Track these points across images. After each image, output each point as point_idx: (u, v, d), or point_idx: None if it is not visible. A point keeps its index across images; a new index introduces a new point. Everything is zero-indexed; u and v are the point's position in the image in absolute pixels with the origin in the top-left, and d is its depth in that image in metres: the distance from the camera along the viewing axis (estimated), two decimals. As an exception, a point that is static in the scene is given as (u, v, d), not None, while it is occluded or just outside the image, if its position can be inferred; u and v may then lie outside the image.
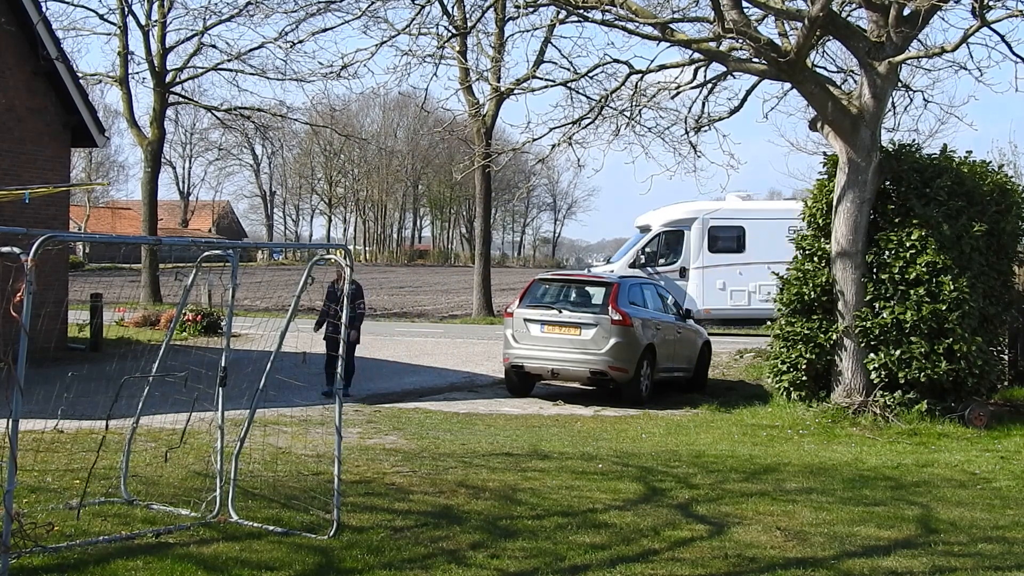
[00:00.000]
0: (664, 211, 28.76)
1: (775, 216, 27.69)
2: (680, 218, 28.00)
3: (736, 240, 27.90)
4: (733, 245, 27.80)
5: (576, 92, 25.88)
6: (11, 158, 18.59)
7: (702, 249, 27.66)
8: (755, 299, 26.96)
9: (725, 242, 27.80)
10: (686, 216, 27.98)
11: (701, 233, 27.72)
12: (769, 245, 27.02)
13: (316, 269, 9.45)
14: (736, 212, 28.37)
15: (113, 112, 62.62)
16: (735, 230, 27.97)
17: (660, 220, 28.20)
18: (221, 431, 8.48)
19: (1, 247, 6.36)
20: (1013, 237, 17.00)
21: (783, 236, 27.81)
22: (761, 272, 25.32)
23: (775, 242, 27.16)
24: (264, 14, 33.49)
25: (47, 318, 15.87)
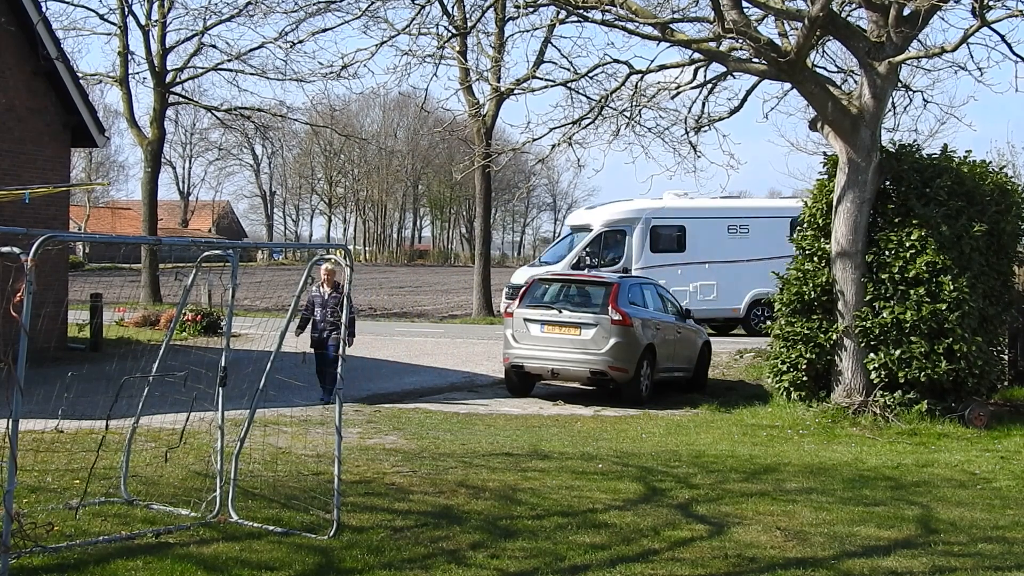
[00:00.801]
0: (605, 210, 28.04)
1: (715, 215, 27.53)
2: (622, 217, 27.28)
3: (677, 239, 27.29)
4: (674, 244, 27.20)
5: (576, 92, 25.91)
6: (11, 158, 18.59)
7: (644, 249, 26.91)
8: (695, 299, 26.14)
9: (666, 241, 27.19)
10: (628, 215, 27.26)
11: (643, 233, 27.00)
12: (709, 244, 26.98)
13: (315, 269, 9.46)
14: (677, 211, 27.69)
15: (113, 112, 62.67)
16: (676, 229, 27.36)
17: (601, 219, 27.40)
18: (221, 431, 8.48)
19: (1, 247, 6.36)
20: (1013, 237, 16.99)
21: (724, 235, 27.31)
22: (701, 272, 25.30)
23: (715, 241, 27.11)
24: (264, 14, 33.51)
25: (47, 318, 15.87)
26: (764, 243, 27.07)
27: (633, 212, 27.16)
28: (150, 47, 34.21)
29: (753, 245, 27.26)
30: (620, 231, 26.99)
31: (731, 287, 26.99)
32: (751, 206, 29.08)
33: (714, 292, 26.87)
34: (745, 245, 27.33)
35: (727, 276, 26.90)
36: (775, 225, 27.29)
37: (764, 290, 26.38)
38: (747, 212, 28.34)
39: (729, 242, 27.23)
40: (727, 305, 27.22)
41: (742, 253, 27.10)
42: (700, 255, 26.67)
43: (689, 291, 26.41)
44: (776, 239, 27.44)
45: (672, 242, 27.10)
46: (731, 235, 27.42)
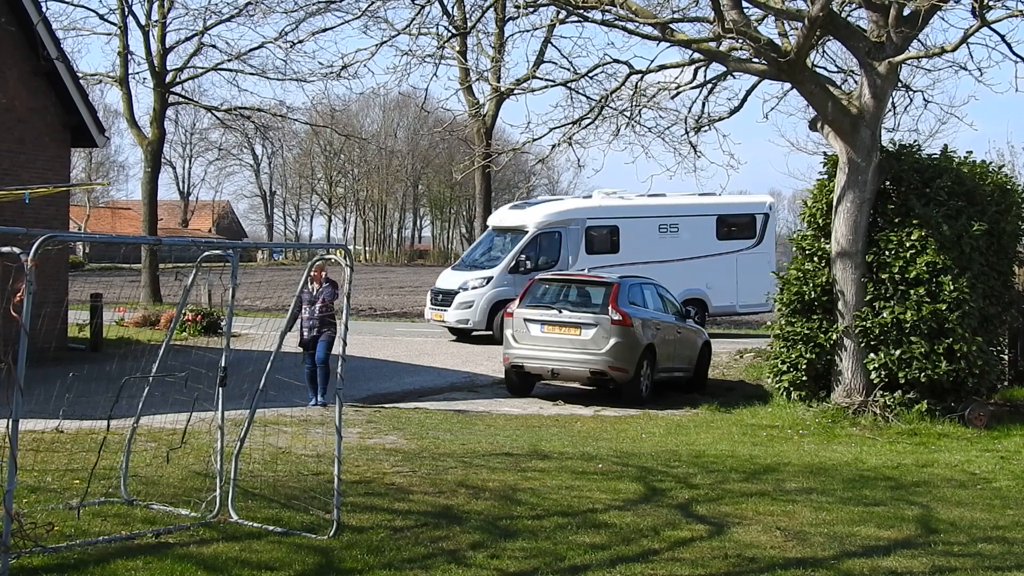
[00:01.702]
0: (538, 211, 26.47)
1: (646, 214, 26.73)
2: (558, 219, 25.84)
3: (610, 240, 26.25)
4: (608, 246, 26.13)
5: (576, 92, 25.86)
6: (11, 158, 18.60)
7: (580, 251, 25.71)
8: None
9: (601, 243, 26.08)
10: (564, 216, 25.95)
11: (579, 234, 25.77)
12: (641, 244, 26.12)
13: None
14: (611, 211, 26.69)
15: (113, 112, 62.67)
16: (610, 230, 26.30)
17: (535, 220, 25.77)
18: (221, 431, 8.48)
19: (1, 247, 6.36)
20: (1013, 237, 17.00)
21: (655, 234, 26.62)
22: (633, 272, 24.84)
23: (647, 241, 26.25)
24: (264, 14, 33.50)
25: (47, 318, 15.86)
26: (693, 242, 26.74)
27: (568, 213, 26.07)
28: (150, 47, 34.21)
29: (682, 244, 26.82)
30: (555, 232, 25.68)
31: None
32: (679, 203, 28.04)
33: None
34: (675, 244, 26.78)
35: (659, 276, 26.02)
36: (703, 223, 27.08)
37: (694, 289, 26.22)
38: (676, 210, 27.50)
39: (660, 242, 26.61)
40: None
41: (672, 252, 26.46)
42: (633, 256, 25.55)
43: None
44: (705, 237, 27.11)
45: (606, 243, 26.14)
46: (662, 234, 26.81)
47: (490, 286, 24.64)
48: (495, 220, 27.45)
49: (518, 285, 24.17)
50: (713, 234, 27.33)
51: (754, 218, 28.09)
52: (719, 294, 26.90)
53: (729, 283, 26.82)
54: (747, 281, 26.28)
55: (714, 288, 26.77)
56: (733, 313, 28.42)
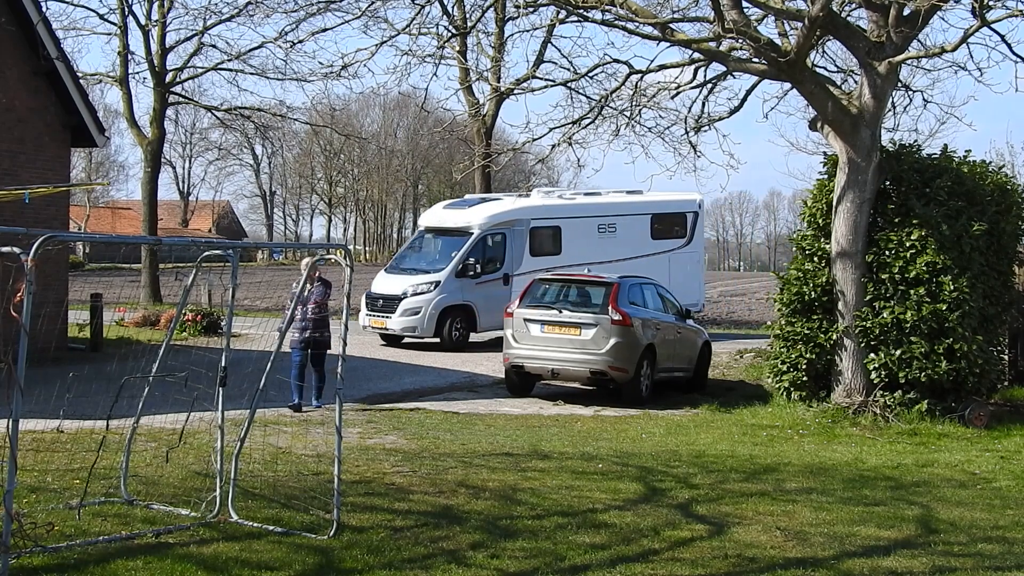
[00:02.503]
0: (482, 210, 24.87)
1: (586, 214, 25.80)
2: (503, 219, 24.43)
3: (553, 241, 25.07)
4: (551, 247, 24.92)
5: (576, 92, 25.89)
6: (11, 158, 18.59)
7: (525, 253, 24.42)
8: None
9: (544, 244, 24.88)
10: (509, 216, 24.52)
11: (523, 235, 24.44)
12: (582, 245, 25.02)
13: (316, 269, 9.47)
14: (554, 210, 25.57)
15: (113, 112, 62.63)
16: (552, 230, 25.11)
17: (480, 221, 24.30)
18: (221, 431, 8.48)
19: (1, 247, 6.36)
20: (1013, 237, 17.00)
21: (595, 234, 25.55)
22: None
23: (588, 242, 25.17)
24: (264, 14, 33.47)
25: (47, 318, 15.86)
26: (630, 242, 25.90)
27: (513, 213, 24.66)
28: (150, 47, 34.20)
29: (620, 244, 25.85)
30: (500, 234, 24.30)
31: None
32: (616, 202, 27.16)
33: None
34: (613, 244, 25.76)
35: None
36: (638, 223, 26.29)
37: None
38: (613, 209, 26.58)
39: (599, 242, 25.57)
40: None
41: (611, 253, 25.30)
42: (575, 257, 24.27)
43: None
44: (640, 237, 26.24)
45: (549, 244, 24.94)
46: (601, 235, 25.82)
47: (438, 291, 23.17)
48: (430, 220, 25.75)
49: (466, 290, 23.42)
50: (648, 233, 26.61)
51: (685, 217, 27.38)
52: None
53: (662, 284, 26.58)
54: (680, 282, 25.27)
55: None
56: None
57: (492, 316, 22.86)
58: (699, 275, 27.80)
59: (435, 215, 25.81)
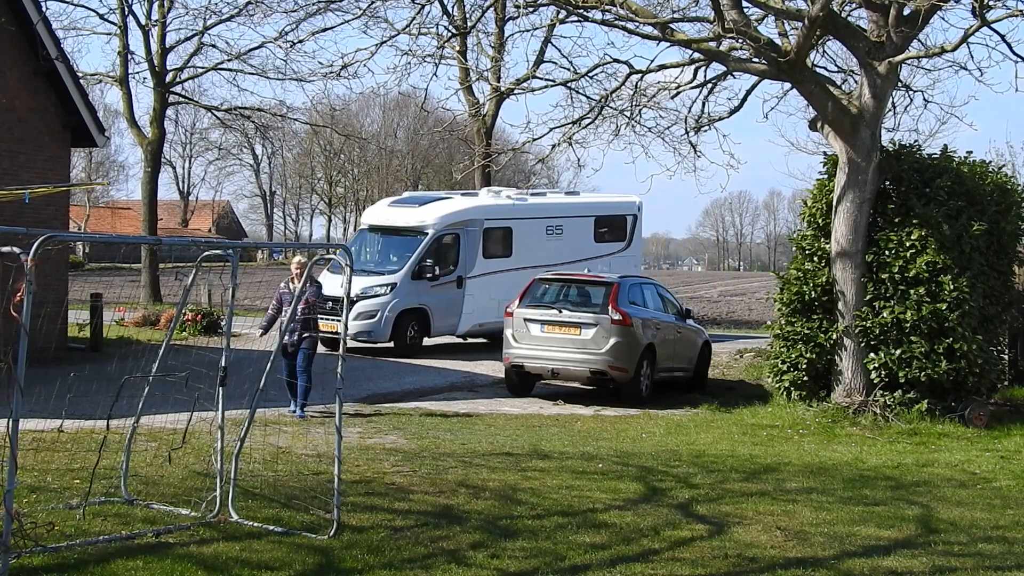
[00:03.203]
0: (436, 209, 23.41)
1: (535, 215, 24.70)
2: (458, 219, 23.08)
3: (504, 243, 23.82)
4: (502, 249, 23.71)
5: (576, 92, 25.87)
6: (11, 158, 18.59)
7: (478, 255, 23.18)
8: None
9: (496, 246, 23.67)
10: (464, 216, 23.20)
11: (477, 236, 23.19)
12: (532, 247, 24.00)
13: (315, 269, 9.48)
14: (506, 211, 24.25)
15: (113, 112, 62.54)
16: (504, 231, 23.86)
17: (434, 221, 22.84)
18: (221, 431, 8.48)
19: (1, 247, 6.36)
20: (1013, 237, 17.01)
21: (543, 236, 24.38)
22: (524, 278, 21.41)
23: (537, 244, 24.17)
24: (264, 14, 33.43)
25: (47, 318, 15.85)
26: (575, 244, 24.86)
27: (468, 212, 23.35)
28: (150, 47, 34.19)
29: (566, 247, 24.70)
30: (455, 234, 22.97)
31: None
32: (563, 203, 26.27)
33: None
34: (560, 247, 24.61)
35: None
36: (583, 225, 25.36)
37: None
38: (560, 211, 25.55)
39: (547, 244, 24.48)
40: None
41: (558, 256, 24.15)
42: (524, 259, 23.43)
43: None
44: (585, 240, 25.15)
45: (500, 246, 23.74)
46: (548, 236, 24.67)
47: (394, 294, 21.75)
48: (375, 219, 23.88)
49: (422, 293, 22.11)
50: (591, 236, 25.61)
51: (625, 219, 26.38)
52: None
53: None
54: None
55: None
56: None
57: (445, 320, 22.50)
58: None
59: (381, 213, 24.03)
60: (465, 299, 22.87)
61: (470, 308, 22.91)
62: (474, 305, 22.95)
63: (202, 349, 18.58)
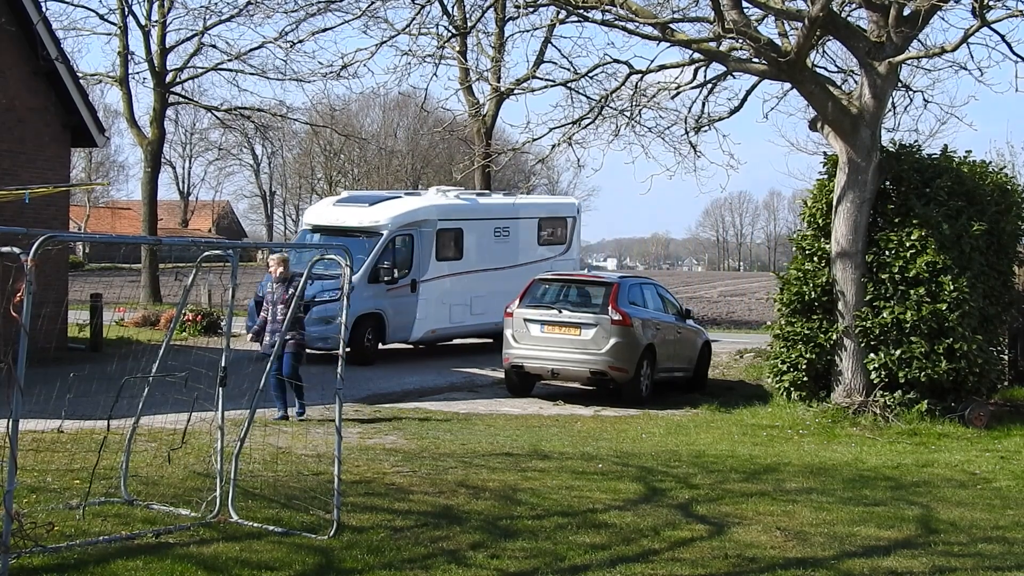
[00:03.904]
0: (389, 208, 21.92)
1: (485, 216, 23.59)
2: (412, 219, 21.72)
3: (455, 245, 22.66)
4: (454, 251, 22.58)
5: (576, 92, 25.82)
6: (11, 158, 18.60)
7: (431, 257, 21.92)
8: (470, 315, 22.48)
9: (449, 247, 22.52)
10: (418, 215, 21.89)
11: (431, 237, 21.89)
12: (481, 250, 23.07)
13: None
14: (458, 211, 23.02)
15: (113, 112, 62.52)
16: (455, 233, 22.68)
17: (388, 220, 21.41)
18: (221, 431, 8.49)
19: (1, 247, 6.36)
20: (1013, 237, 17.01)
21: (491, 238, 23.31)
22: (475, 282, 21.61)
23: (486, 246, 23.23)
24: (264, 14, 33.37)
25: (47, 318, 15.86)
26: (521, 247, 24.01)
27: (422, 212, 22.04)
28: (150, 47, 34.18)
29: (513, 250, 23.85)
30: (409, 235, 21.59)
31: (496, 298, 21.71)
32: (509, 204, 25.19)
33: (483, 305, 22.55)
34: (507, 250, 23.68)
35: (493, 285, 22.50)
36: (528, 227, 24.39)
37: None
38: (506, 212, 24.38)
39: (495, 246, 23.49)
40: (493, 320, 21.58)
41: (505, 259, 23.44)
42: (474, 262, 22.66)
43: (465, 304, 22.52)
44: (529, 242, 24.32)
45: (452, 248, 22.61)
46: (496, 239, 23.60)
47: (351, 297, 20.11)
48: (321, 218, 22.18)
49: (379, 297, 20.82)
50: (535, 238, 24.67)
51: (566, 221, 25.45)
52: None
53: None
54: None
55: None
56: None
57: (400, 326, 21.32)
58: None
59: (327, 213, 22.35)
60: (419, 304, 21.64)
61: (423, 313, 21.71)
62: (427, 310, 21.76)
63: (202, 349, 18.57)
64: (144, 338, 22.19)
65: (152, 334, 23.42)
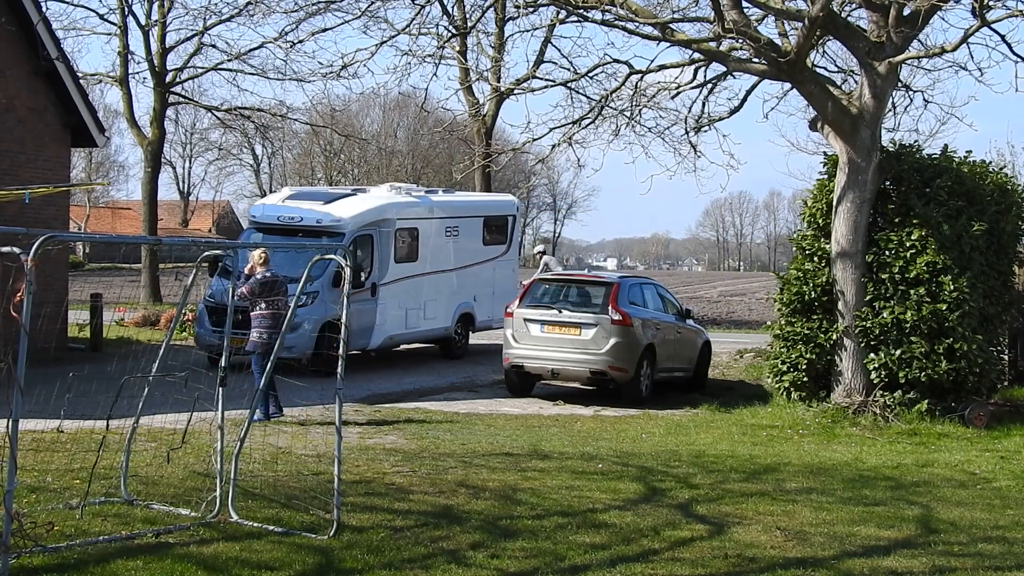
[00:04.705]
0: (349, 205, 20.06)
1: (438, 215, 22.04)
2: (372, 218, 19.92)
3: (411, 245, 21.00)
4: (410, 252, 20.88)
5: (576, 92, 25.84)
6: (11, 158, 18.60)
7: (389, 259, 20.27)
8: (421, 318, 21.11)
9: (406, 248, 20.86)
10: (378, 214, 20.09)
11: (390, 237, 20.19)
12: (435, 251, 21.51)
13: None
14: (414, 209, 21.36)
15: (113, 112, 62.54)
16: (411, 233, 21.04)
17: (349, 219, 19.59)
18: (221, 431, 8.49)
19: (1, 247, 6.37)
20: (1013, 237, 17.01)
21: (443, 238, 21.84)
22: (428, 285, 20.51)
23: (439, 246, 21.69)
24: (264, 14, 33.42)
25: (47, 318, 15.86)
26: (469, 247, 22.61)
27: (381, 211, 20.28)
28: (150, 47, 34.19)
29: (461, 250, 22.42)
30: (369, 235, 19.72)
31: (448, 301, 21.78)
32: (458, 201, 23.82)
33: (434, 309, 21.54)
34: (456, 250, 22.26)
35: (444, 288, 21.64)
36: (474, 225, 22.97)
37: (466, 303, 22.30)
38: (456, 210, 22.86)
39: (447, 246, 22.07)
40: (443, 324, 21.69)
41: (455, 259, 22.14)
42: (429, 264, 21.24)
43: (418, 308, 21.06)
44: (475, 242, 22.93)
45: (409, 249, 20.91)
46: (447, 238, 22.10)
47: (316, 303, 18.35)
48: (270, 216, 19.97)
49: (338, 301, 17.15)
50: (481, 238, 23.23)
51: (507, 220, 24.11)
52: (481, 308, 22.79)
53: (488, 294, 22.90)
54: (502, 293, 22.46)
55: (479, 301, 22.70)
56: (488, 329, 23.46)
57: (360, 332, 19.24)
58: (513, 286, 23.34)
59: (277, 211, 20.13)
60: (378, 309, 19.86)
61: (382, 319, 20.01)
62: (386, 316, 20.13)
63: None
64: (144, 338, 22.20)
65: (152, 334, 23.42)
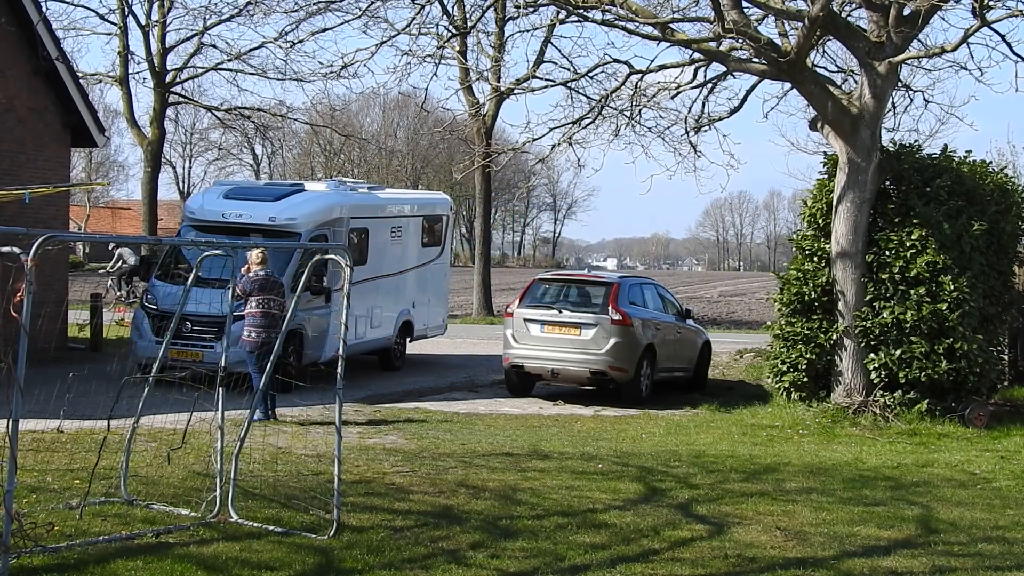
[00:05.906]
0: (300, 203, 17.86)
1: (386, 213, 20.12)
2: (326, 217, 17.88)
3: (362, 247, 18.83)
4: (359, 254, 18.57)
5: (576, 92, 25.86)
6: (11, 158, 18.59)
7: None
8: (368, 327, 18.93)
9: (355, 250, 18.29)
10: (332, 213, 18.01)
11: (344, 238, 17.93)
12: (382, 252, 19.49)
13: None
14: (366, 207, 19.39)
15: (113, 112, 62.58)
16: (362, 232, 18.91)
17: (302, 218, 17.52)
18: (221, 431, 8.49)
19: (1, 247, 6.37)
20: (1013, 237, 17.01)
21: (389, 239, 19.87)
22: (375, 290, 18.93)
23: (385, 248, 19.67)
24: (264, 14, 33.43)
25: (47, 318, 15.85)
26: (411, 249, 20.60)
27: (334, 209, 18.12)
28: (150, 47, 34.20)
29: (405, 251, 20.41)
30: (323, 235, 17.57)
31: (392, 308, 19.87)
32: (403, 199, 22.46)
33: (379, 317, 19.45)
34: (401, 252, 20.25)
35: (388, 293, 19.68)
36: (415, 225, 20.87)
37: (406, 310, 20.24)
38: (401, 209, 21.06)
39: (392, 248, 20.01)
40: (386, 333, 19.70)
41: (398, 262, 20.09)
42: (376, 267, 19.19)
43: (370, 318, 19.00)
44: (416, 243, 20.84)
45: (358, 251, 18.56)
46: (393, 239, 20.02)
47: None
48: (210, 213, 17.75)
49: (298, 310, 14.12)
50: (420, 239, 21.04)
51: (443, 220, 21.92)
52: (419, 315, 20.83)
53: (424, 300, 21.08)
54: (435, 299, 21.54)
55: (417, 308, 20.75)
56: (423, 338, 21.59)
57: (314, 343, 17.23)
58: (445, 292, 22.52)
59: (218, 207, 17.79)
60: (332, 316, 17.37)
61: (336, 328, 16.05)
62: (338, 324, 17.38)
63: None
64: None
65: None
